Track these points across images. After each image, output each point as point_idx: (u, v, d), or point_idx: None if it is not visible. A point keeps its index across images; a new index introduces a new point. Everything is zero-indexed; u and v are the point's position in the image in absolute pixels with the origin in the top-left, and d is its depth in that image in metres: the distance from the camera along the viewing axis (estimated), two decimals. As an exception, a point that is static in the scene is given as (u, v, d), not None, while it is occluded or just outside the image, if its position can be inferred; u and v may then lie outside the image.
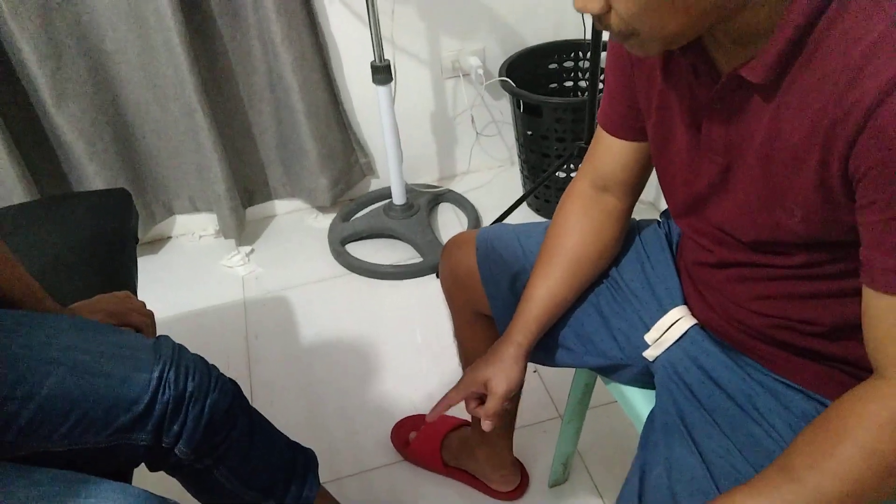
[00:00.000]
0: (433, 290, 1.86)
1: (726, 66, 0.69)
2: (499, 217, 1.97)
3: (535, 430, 1.49)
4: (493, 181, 2.29)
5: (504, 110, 2.22)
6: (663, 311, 0.91)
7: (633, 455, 0.85)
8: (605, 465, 1.41)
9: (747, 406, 0.80)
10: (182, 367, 0.88)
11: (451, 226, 2.13)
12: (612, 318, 0.96)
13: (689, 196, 0.81)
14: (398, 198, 2.04)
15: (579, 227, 0.95)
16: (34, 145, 1.80)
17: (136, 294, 1.19)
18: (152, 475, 0.95)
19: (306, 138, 1.96)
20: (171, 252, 2.14)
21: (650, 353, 0.91)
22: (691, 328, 0.89)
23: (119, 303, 1.01)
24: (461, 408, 0.99)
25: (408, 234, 2.02)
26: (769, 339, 0.82)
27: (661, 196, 0.88)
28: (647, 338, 0.91)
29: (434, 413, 0.98)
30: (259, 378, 1.68)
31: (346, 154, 2.11)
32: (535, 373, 1.60)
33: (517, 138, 2.05)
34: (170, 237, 2.18)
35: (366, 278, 1.96)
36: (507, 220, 1.94)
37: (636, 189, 0.94)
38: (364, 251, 2.02)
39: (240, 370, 1.70)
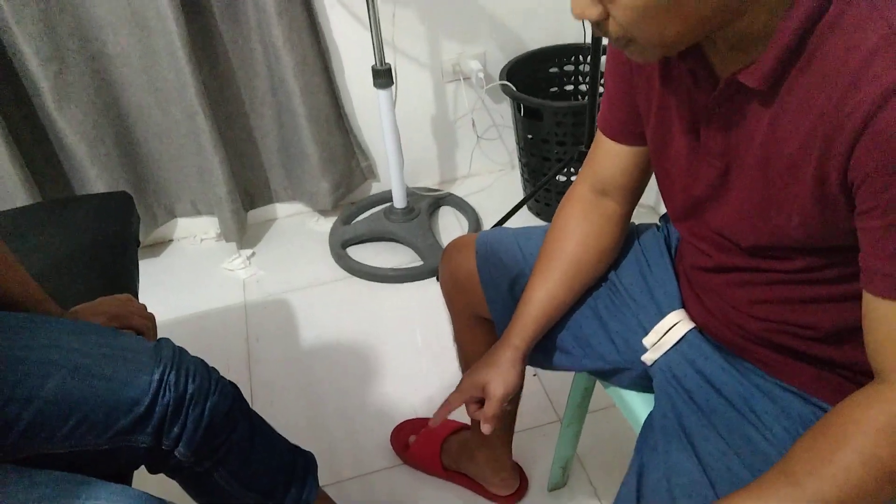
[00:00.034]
0: (434, 293, 1.86)
1: (725, 71, 0.69)
2: (499, 220, 1.97)
3: (534, 434, 1.49)
4: (493, 185, 2.29)
5: (505, 114, 2.22)
6: (661, 315, 0.91)
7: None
8: (605, 468, 1.41)
9: (745, 410, 0.80)
10: (182, 370, 0.89)
11: (451, 229, 2.13)
12: (611, 322, 0.96)
13: (687, 200, 0.81)
14: (399, 201, 2.04)
15: (579, 230, 0.95)
16: (36, 148, 1.81)
17: (137, 297, 1.20)
18: (152, 477, 0.95)
19: (307, 142, 1.97)
20: (173, 255, 2.14)
21: (648, 357, 0.91)
22: (689, 332, 0.89)
23: (120, 306, 1.01)
24: (461, 411, 1.00)
25: (408, 238, 2.02)
26: (767, 343, 0.82)
27: (661, 200, 0.89)
28: (646, 341, 0.91)
29: (437, 418, 0.98)
30: (259, 380, 1.68)
31: (348, 157, 2.11)
32: (535, 376, 1.60)
33: (518, 142, 2.06)
34: (171, 240, 2.19)
35: (366, 281, 1.96)
36: (507, 224, 1.94)
37: (635, 193, 0.95)
38: (365, 254, 2.02)
39: (240, 373, 1.70)
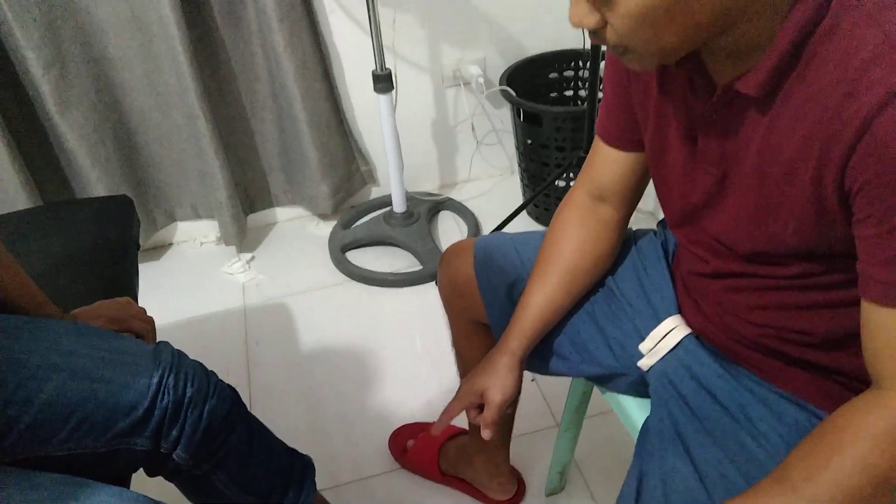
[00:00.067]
0: (433, 297, 1.86)
1: (722, 78, 0.69)
2: (499, 225, 1.97)
3: (532, 439, 1.49)
4: (493, 189, 2.30)
5: (504, 119, 2.23)
6: (658, 321, 0.92)
7: (629, 464, 0.86)
8: (602, 473, 1.41)
9: (740, 416, 0.81)
10: (181, 373, 0.89)
11: (451, 234, 2.13)
12: (608, 327, 0.96)
13: (684, 206, 0.82)
14: (398, 206, 2.05)
15: (576, 236, 0.96)
16: (37, 151, 1.81)
17: (136, 300, 1.20)
18: (150, 480, 0.95)
19: (308, 146, 1.97)
20: (173, 258, 2.15)
21: (644, 363, 0.91)
22: (685, 338, 0.89)
23: (120, 309, 1.02)
24: (460, 416, 1.00)
25: (408, 242, 2.03)
26: (763, 349, 0.82)
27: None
28: (642, 347, 0.92)
29: (438, 427, 0.99)
30: (258, 384, 1.69)
31: (348, 162, 2.11)
32: (533, 381, 1.60)
33: (517, 147, 2.06)
34: (171, 244, 2.19)
35: (366, 286, 1.96)
36: (506, 229, 1.94)
37: (633, 199, 0.95)
38: (364, 259, 2.03)
39: (239, 376, 1.71)
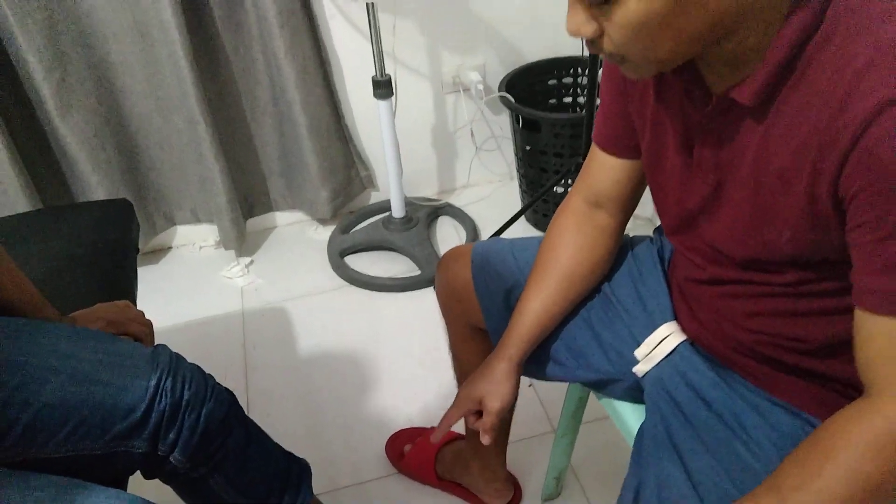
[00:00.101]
0: (431, 302, 1.87)
1: (718, 87, 0.70)
2: (497, 231, 1.98)
3: (528, 444, 1.49)
4: (492, 195, 2.30)
5: (503, 125, 2.23)
6: (654, 327, 0.92)
7: (625, 470, 0.86)
8: (598, 479, 1.42)
9: (734, 424, 0.81)
10: (179, 376, 0.89)
11: (449, 239, 2.14)
12: (604, 333, 0.97)
13: (681, 213, 0.82)
14: (397, 211, 2.05)
15: (573, 242, 0.96)
16: (38, 155, 1.82)
17: (135, 303, 1.21)
18: (147, 483, 0.96)
19: (307, 151, 1.98)
20: (172, 262, 2.15)
21: (639, 369, 0.92)
22: (681, 344, 0.89)
23: (118, 312, 1.02)
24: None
25: (407, 247, 2.03)
26: (758, 356, 0.83)
27: (658, 213, 0.89)
28: (637, 353, 0.92)
29: (437, 434, 0.99)
30: (256, 388, 1.69)
31: (347, 167, 2.12)
32: (531, 387, 1.61)
33: (516, 153, 2.07)
34: (170, 247, 2.20)
35: (364, 290, 1.96)
36: (505, 234, 1.95)
37: (629, 206, 0.95)
38: (363, 263, 2.03)
39: (237, 380, 1.71)
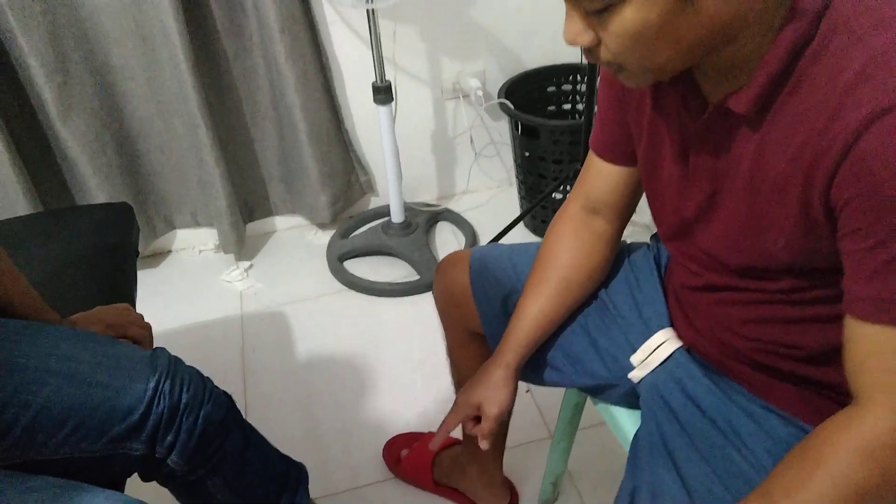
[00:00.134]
0: (429, 308, 1.85)
1: (714, 96, 0.71)
2: (496, 236, 1.98)
3: (525, 450, 1.49)
4: (490, 201, 2.31)
5: (503, 132, 2.24)
6: (650, 333, 0.92)
7: (622, 475, 0.86)
8: (595, 484, 1.42)
9: (728, 431, 0.81)
10: (177, 379, 0.90)
11: (448, 244, 2.14)
12: (601, 339, 0.97)
13: (677, 221, 0.83)
14: (397, 216, 2.06)
15: (570, 248, 0.97)
16: (39, 158, 1.83)
17: (135, 306, 1.21)
18: (145, 485, 0.96)
19: (307, 156, 1.98)
20: (171, 266, 2.16)
21: (635, 375, 0.92)
22: (676, 351, 0.90)
23: (118, 315, 1.02)
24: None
25: (405, 252, 2.04)
26: (754, 363, 0.83)
27: (656, 220, 0.90)
28: (633, 359, 0.92)
29: (436, 441, 0.99)
30: (254, 392, 1.69)
31: (347, 172, 2.13)
32: (528, 392, 1.61)
33: (515, 159, 2.08)
34: (170, 251, 2.20)
35: (363, 295, 1.97)
36: (504, 240, 1.95)
37: (626, 213, 0.96)
38: (362, 268, 2.04)
39: (236, 384, 1.71)
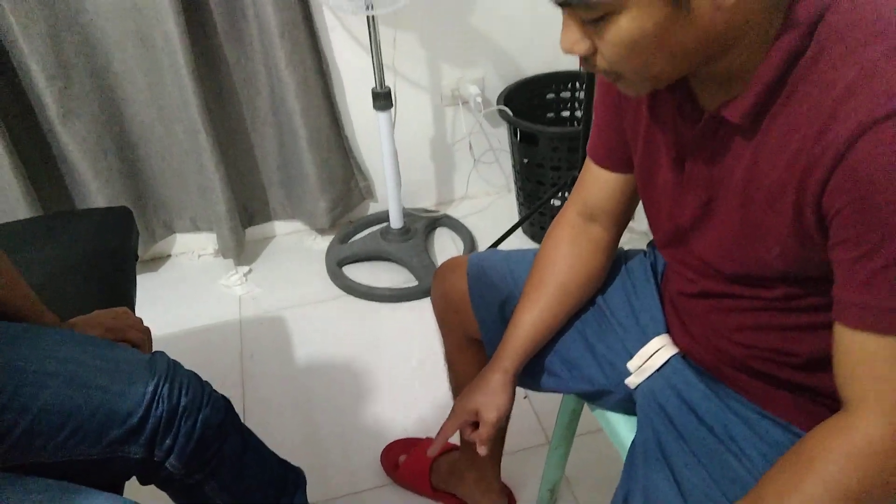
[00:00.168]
0: (428, 313, 1.84)
1: (709, 105, 0.71)
2: (494, 242, 1.99)
3: (523, 456, 1.49)
4: (489, 207, 2.31)
5: (502, 138, 2.25)
6: (646, 340, 0.93)
7: (619, 481, 0.87)
8: (592, 491, 1.42)
9: (723, 436, 0.82)
10: (176, 383, 0.90)
11: (447, 250, 2.14)
12: (597, 345, 0.97)
13: (672, 228, 0.83)
14: (396, 222, 2.06)
15: (567, 255, 0.97)
16: (39, 162, 1.83)
17: (134, 310, 1.21)
18: (143, 489, 0.96)
19: (307, 161, 1.99)
20: (171, 270, 2.16)
21: (632, 381, 0.92)
22: (673, 357, 0.90)
23: (117, 318, 1.03)
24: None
25: (404, 258, 2.04)
26: (749, 370, 0.83)
27: (653, 227, 0.90)
28: (630, 365, 0.93)
29: (435, 447, 1.00)
30: (253, 396, 1.69)
31: (346, 178, 2.13)
32: (526, 399, 1.61)
33: (514, 166, 2.08)
34: (169, 255, 2.20)
35: (362, 300, 1.97)
36: (502, 246, 1.96)
37: (622, 220, 0.96)
38: (361, 274, 2.04)
39: (234, 389, 1.71)
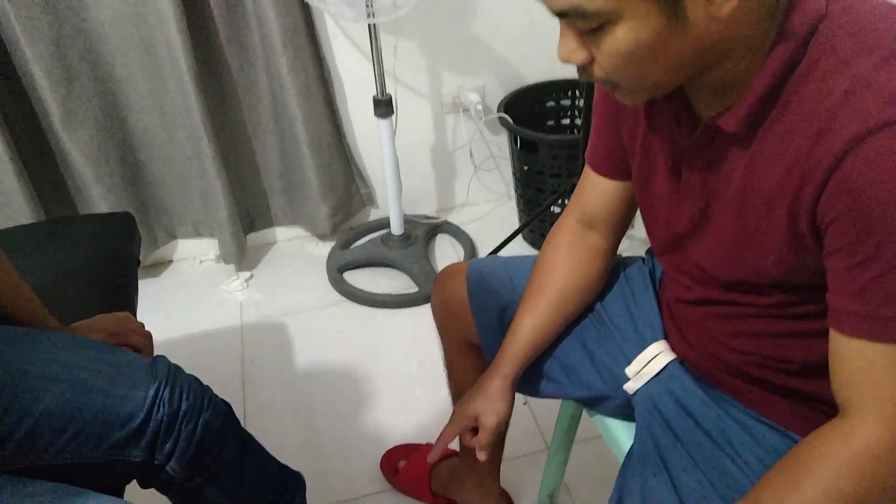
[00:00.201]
0: (428, 319, 1.84)
1: (705, 114, 0.72)
2: (494, 249, 1.99)
3: (522, 462, 1.49)
4: (489, 214, 2.32)
5: (502, 146, 2.26)
6: (644, 346, 0.93)
7: (617, 487, 0.87)
8: (591, 497, 1.42)
9: (721, 441, 0.82)
10: (177, 387, 0.90)
11: (447, 257, 2.15)
12: (596, 351, 0.98)
13: (669, 235, 0.84)
14: (396, 228, 2.07)
15: (566, 262, 0.98)
16: (42, 167, 1.84)
17: (135, 315, 1.22)
18: (143, 492, 0.96)
19: (309, 168, 2.00)
20: (172, 276, 2.17)
21: (630, 386, 0.93)
22: (670, 363, 0.91)
23: (119, 323, 1.03)
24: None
25: (405, 264, 2.05)
26: (744, 376, 0.84)
27: (652, 234, 0.91)
28: (628, 371, 0.93)
29: (434, 453, 1.00)
30: (253, 401, 1.70)
31: (347, 184, 2.14)
32: (525, 405, 1.62)
33: (514, 173, 2.09)
34: (171, 261, 2.21)
35: (363, 306, 1.98)
36: (502, 253, 1.96)
37: (621, 227, 0.97)
38: (361, 280, 2.05)
39: (235, 394, 1.72)
